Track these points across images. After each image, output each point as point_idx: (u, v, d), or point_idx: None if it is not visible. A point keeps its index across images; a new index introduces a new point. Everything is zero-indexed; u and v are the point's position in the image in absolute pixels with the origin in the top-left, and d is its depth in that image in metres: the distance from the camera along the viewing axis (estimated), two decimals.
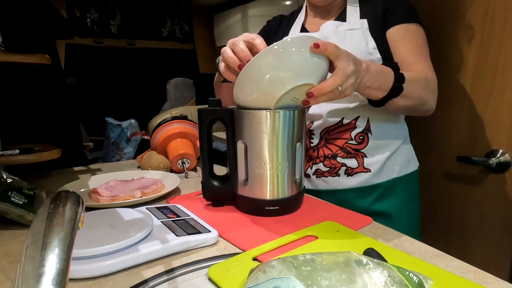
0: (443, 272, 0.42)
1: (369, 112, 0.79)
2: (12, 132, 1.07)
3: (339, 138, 0.80)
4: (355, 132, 0.80)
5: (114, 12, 2.77)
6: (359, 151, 0.80)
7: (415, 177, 0.88)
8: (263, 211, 0.62)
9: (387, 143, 0.82)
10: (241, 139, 0.61)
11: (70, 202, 0.26)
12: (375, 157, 0.80)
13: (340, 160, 0.80)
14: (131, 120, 2.50)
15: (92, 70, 2.93)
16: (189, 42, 3.18)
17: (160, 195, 0.71)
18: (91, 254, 0.44)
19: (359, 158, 0.80)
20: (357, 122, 0.79)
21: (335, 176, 0.81)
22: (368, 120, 0.79)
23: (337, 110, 0.79)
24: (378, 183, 0.81)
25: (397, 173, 0.82)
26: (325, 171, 0.82)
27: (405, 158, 0.84)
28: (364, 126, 0.79)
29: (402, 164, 0.83)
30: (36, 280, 0.20)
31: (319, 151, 0.82)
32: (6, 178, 0.63)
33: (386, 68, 0.65)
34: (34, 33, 1.07)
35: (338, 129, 0.80)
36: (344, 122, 0.80)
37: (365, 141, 0.80)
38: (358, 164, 0.80)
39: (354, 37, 0.77)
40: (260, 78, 0.53)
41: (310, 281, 0.31)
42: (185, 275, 0.44)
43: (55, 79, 1.24)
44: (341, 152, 0.80)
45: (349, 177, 0.81)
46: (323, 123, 0.81)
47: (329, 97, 0.54)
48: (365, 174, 0.80)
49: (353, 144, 0.80)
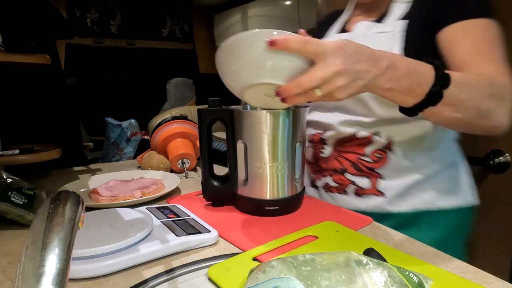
0: (443, 272, 0.42)
1: (393, 128, 0.65)
2: (12, 132, 1.07)
3: (352, 152, 0.69)
4: (371, 148, 0.67)
5: (114, 12, 2.77)
6: (373, 171, 0.67)
7: (462, 214, 0.69)
8: (263, 211, 0.62)
9: (417, 166, 0.66)
10: (241, 139, 0.61)
11: (70, 202, 0.26)
12: (395, 181, 0.67)
13: (349, 177, 0.70)
14: (131, 120, 2.50)
15: (92, 70, 2.94)
16: (189, 42, 3.18)
17: (160, 195, 0.71)
18: (91, 254, 0.44)
19: (373, 178, 0.68)
20: (375, 136, 0.67)
21: (343, 194, 0.71)
22: (390, 137, 0.66)
23: (350, 121, 0.68)
24: (395, 212, 0.67)
25: (426, 204, 0.66)
26: (333, 186, 0.72)
27: (445, 188, 0.67)
28: (384, 143, 0.66)
29: (438, 195, 0.67)
30: (36, 280, 0.20)
31: (329, 163, 0.72)
32: (6, 178, 0.63)
33: (424, 66, 0.49)
34: (34, 33, 1.07)
35: (351, 142, 0.69)
36: (359, 135, 0.68)
37: (384, 161, 0.67)
38: (370, 185, 0.68)
39: (382, 41, 0.65)
40: (220, 73, 0.51)
41: (310, 281, 0.31)
42: (185, 275, 0.44)
43: (55, 79, 1.24)
44: (351, 168, 0.69)
45: (358, 198, 0.69)
46: (335, 133, 0.71)
47: (305, 98, 0.46)
48: (377, 198, 0.68)
49: (367, 161, 0.68)
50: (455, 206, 0.68)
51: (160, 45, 3.03)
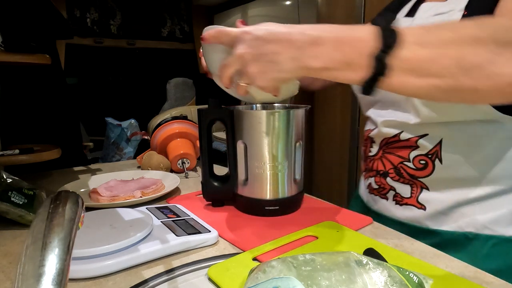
0: (443, 272, 0.42)
1: (442, 131, 0.56)
2: (12, 132, 1.07)
3: (396, 154, 0.61)
4: (415, 153, 0.59)
5: (114, 12, 2.77)
6: (417, 179, 0.59)
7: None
8: (263, 211, 0.62)
9: (473, 180, 0.56)
10: (241, 139, 0.61)
11: (70, 202, 0.26)
12: (440, 194, 0.57)
13: (390, 182, 0.63)
14: (131, 120, 2.50)
15: (92, 70, 2.94)
16: (189, 42, 3.19)
17: (160, 195, 0.71)
18: (91, 254, 0.44)
19: (416, 187, 0.60)
20: (420, 140, 0.58)
21: (383, 198, 0.65)
22: (440, 142, 0.56)
23: (395, 121, 0.61)
24: (435, 229, 0.58)
25: (479, 228, 0.55)
26: (374, 188, 0.67)
27: (509, 213, 0.55)
28: (430, 148, 0.57)
29: (498, 220, 0.55)
30: (36, 280, 0.20)
31: (374, 164, 0.66)
32: (6, 178, 0.63)
33: (363, 30, 0.40)
34: (34, 33, 1.07)
35: (396, 144, 0.62)
36: (402, 137, 0.60)
37: (429, 168, 0.58)
38: (411, 195, 0.60)
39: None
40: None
41: (310, 281, 0.31)
42: (185, 275, 0.44)
43: (55, 79, 1.24)
44: (393, 173, 0.62)
45: (397, 206, 0.62)
46: (379, 132, 0.64)
47: (241, 90, 0.47)
48: (417, 210, 0.60)
49: (409, 167, 0.60)
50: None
51: (160, 45, 3.03)
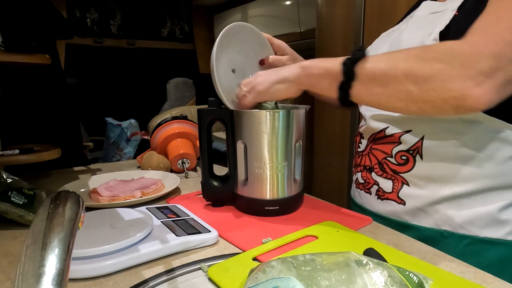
0: (443, 272, 0.42)
1: (426, 127, 0.56)
2: (12, 132, 1.07)
3: (381, 150, 0.63)
4: (397, 149, 0.60)
5: (114, 12, 2.77)
6: (398, 174, 0.61)
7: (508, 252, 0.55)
8: (263, 211, 0.62)
9: (450, 178, 0.56)
10: (241, 139, 0.61)
11: (70, 202, 0.26)
12: (419, 190, 0.58)
13: (374, 177, 0.65)
14: (131, 120, 2.50)
15: (92, 70, 2.94)
16: (189, 42, 3.18)
17: (160, 195, 0.71)
18: (91, 254, 0.44)
19: (397, 183, 0.61)
20: (403, 136, 0.59)
21: (367, 193, 0.67)
22: (422, 139, 0.57)
23: (380, 116, 0.63)
24: (414, 225, 0.59)
25: (455, 227, 0.56)
26: (360, 183, 0.69)
27: (487, 216, 0.54)
28: (411, 144, 0.58)
29: (474, 220, 0.54)
30: (36, 280, 0.20)
31: (362, 159, 0.68)
32: (6, 178, 0.63)
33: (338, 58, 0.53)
34: (34, 33, 1.07)
35: (382, 139, 0.63)
36: (387, 132, 0.61)
37: (410, 164, 0.59)
38: (392, 190, 0.62)
39: (429, 23, 0.58)
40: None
41: (310, 281, 0.31)
42: (185, 275, 0.44)
43: (55, 79, 1.24)
44: (377, 168, 0.64)
45: (379, 200, 0.64)
46: (367, 127, 0.66)
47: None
48: (397, 205, 0.61)
49: (392, 163, 0.61)
50: (502, 238, 0.54)
51: (160, 45, 3.03)
